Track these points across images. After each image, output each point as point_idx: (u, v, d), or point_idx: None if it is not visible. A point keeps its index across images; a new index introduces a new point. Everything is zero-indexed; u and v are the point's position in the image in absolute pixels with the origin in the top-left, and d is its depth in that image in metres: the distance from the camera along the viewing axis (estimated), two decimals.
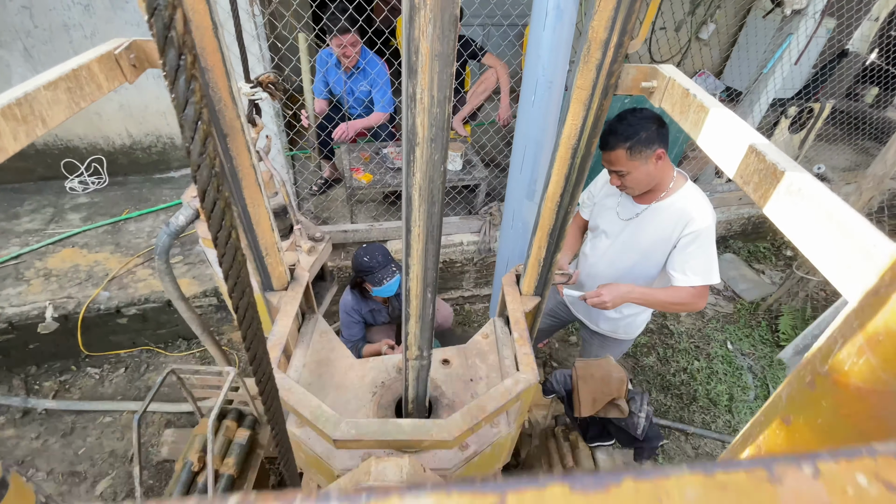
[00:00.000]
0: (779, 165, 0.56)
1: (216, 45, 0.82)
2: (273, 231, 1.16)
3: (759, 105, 3.31)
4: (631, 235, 1.71)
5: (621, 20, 0.79)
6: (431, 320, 0.90)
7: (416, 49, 0.54)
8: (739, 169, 0.63)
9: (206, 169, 0.44)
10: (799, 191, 0.53)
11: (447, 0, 0.50)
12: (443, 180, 0.68)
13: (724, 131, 0.67)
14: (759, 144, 0.60)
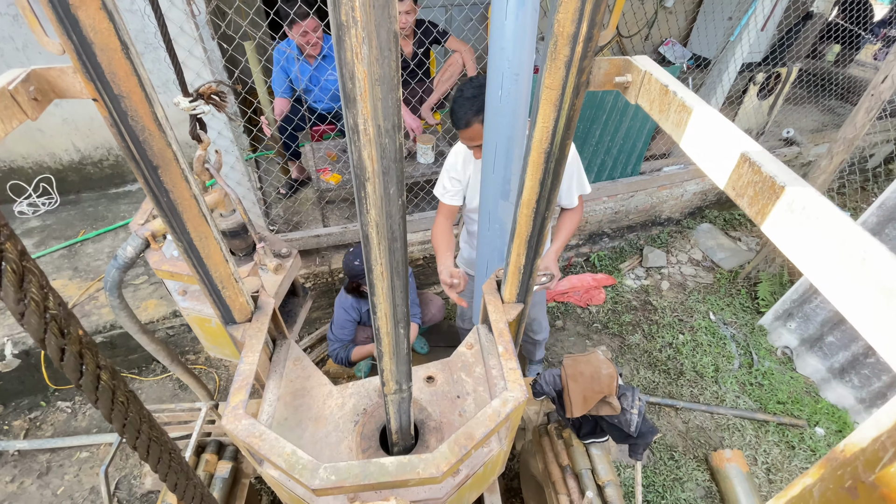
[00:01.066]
0: (777, 179, 0.49)
1: (129, 68, 0.71)
2: (227, 262, 1.06)
3: (727, 74, 3.28)
4: None
5: (589, 11, 0.70)
6: (407, 354, 0.83)
7: (351, 74, 0.45)
8: (731, 180, 0.57)
9: (33, 315, 0.35)
10: (804, 210, 0.46)
11: (382, 14, 0.41)
12: (402, 213, 0.59)
13: (711, 135, 0.60)
14: (753, 152, 0.54)
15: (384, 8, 0.41)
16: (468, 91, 1.55)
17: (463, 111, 1.55)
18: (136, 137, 0.77)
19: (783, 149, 4.03)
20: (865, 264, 0.40)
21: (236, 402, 1.01)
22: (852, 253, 0.42)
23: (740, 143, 0.56)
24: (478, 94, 1.53)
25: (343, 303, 2.34)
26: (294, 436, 1.15)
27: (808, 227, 0.46)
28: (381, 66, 0.45)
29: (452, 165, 1.88)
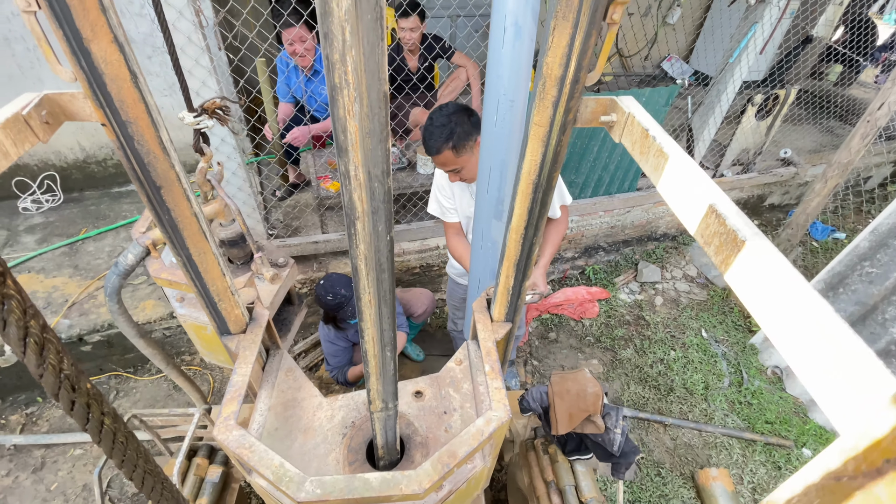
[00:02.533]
0: (740, 233, 0.53)
1: (137, 95, 0.75)
2: (224, 276, 1.09)
3: (726, 94, 3.33)
4: None
5: (576, 56, 0.74)
6: (394, 375, 0.86)
7: (343, 128, 0.48)
8: (700, 228, 0.60)
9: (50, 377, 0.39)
10: (762, 267, 0.50)
11: (374, 77, 0.45)
12: (390, 248, 0.63)
13: (685, 183, 0.64)
14: (720, 204, 0.57)
15: (375, 72, 0.45)
16: (438, 119, 1.61)
17: (433, 139, 1.61)
18: (142, 160, 0.81)
19: (780, 169, 4.07)
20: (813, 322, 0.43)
21: (228, 413, 1.04)
22: (803, 310, 0.45)
23: (710, 195, 0.59)
24: (446, 123, 1.60)
25: (327, 336, 2.38)
26: (283, 446, 1.18)
27: (765, 281, 0.50)
28: (372, 122, 0.48)
29: (441, 186, 1.95)
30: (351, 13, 0.40)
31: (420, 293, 2.82)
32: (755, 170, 4.00)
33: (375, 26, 0.42)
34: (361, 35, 0.42)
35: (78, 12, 0.63)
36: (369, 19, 0.41)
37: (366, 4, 0.40)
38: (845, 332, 0.41)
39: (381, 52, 0.44)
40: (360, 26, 0.41)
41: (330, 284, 2.12)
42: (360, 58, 0.43)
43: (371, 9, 0.41)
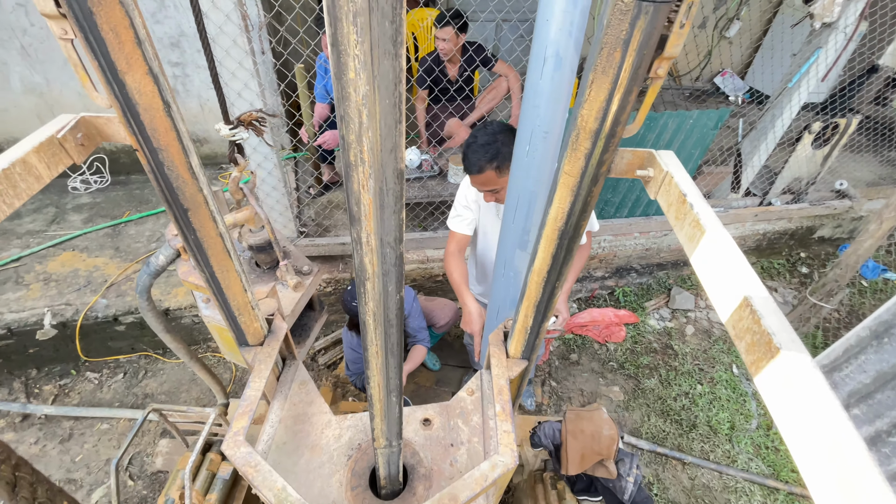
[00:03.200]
0: (775, 338, 0.48)
1: (169, 124, 0.76)
2: (246, 292, 1.11)
3: (781, 120, 3.14)
4: None
5: (614, 112, 0.70)
6: (398, 417, 0.85)
7: (357, 200, 0.47)
8: (732, 318, 0.56)
9: None
10: (796, 383, 0.45)
11: (390, 156, 0.43)
12: (399, 306, 0.61)
13: (720, 264, 0.59)
14: (757, 298, 0.53)
15: (392, 151, 0.43)
16: (482, 138, 1.58)
17: (476, 157, 1.58)
18: (171, 184, 0.82)
19: (834, 201, 3.83)
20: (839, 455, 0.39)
21: (238, 429, 1.06)
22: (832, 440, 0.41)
23: (747, 284, 0.55)
24: (492, 142, 1.56)
25: (350, 342, 2.40)
26: (290, 462, 1.19)
27: (797, 399, 0.45)
28: (385, 196, 0.47)
29: (465, 195, 1.91)
30: (369, 98, 0.39)
31: (443, 304, 2.81)
32: (806, 200, 3.77)
33: (394, 110, 0.40)
34: (379, 118, 0.40)
35: (113, 46, 0.64)
36: (387, 104, 0.40)
37: (384, 90, 0.39)
38: (871, 475, 0.37)
39: (399, 132, 0.42)
40: (377, 110, 0.40)
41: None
42: (377, 138, 0.41)
43: (389, 94, 0.39)
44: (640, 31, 0.62)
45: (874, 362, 2.64)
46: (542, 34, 1.12)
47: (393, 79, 0.38)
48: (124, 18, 0.63)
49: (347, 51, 0.36)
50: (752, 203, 3.62)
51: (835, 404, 0.43)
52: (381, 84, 0.38)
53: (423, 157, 2.94)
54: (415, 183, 2.86)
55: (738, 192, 3.60)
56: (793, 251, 4.21)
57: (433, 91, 3.02)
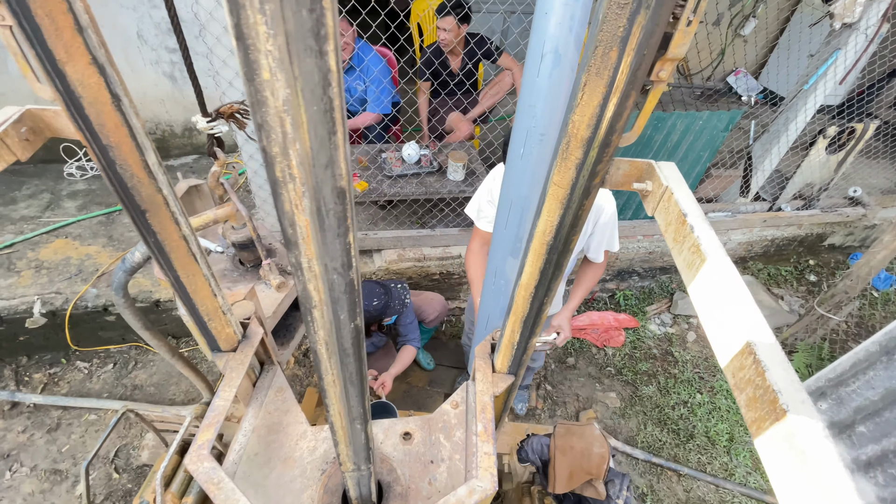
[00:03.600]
0: (781, 397, 0.41)
1: (119, 119, 0.69)
2: (216, 297, 1.04)
3: (795, 123, 3.03)
4: None
5: (609, 119, 0.63)
6: (366, 443, 0.78)
7: (291, 222, 0.40)
8: (731, 364, 0.49)
9: None
10: (802, 455, 0.38)
11: (325, 172, 0.36)
12: (355, 335, 0.54)
13: (721, 299, 0.52)
14: (761, 345, 0.45)
15: (327, 167, 0.36)
16: None
17: None
18: (125, 184, 0.76)
19: (847, 209, 3.71)
20: None
21: (202, 442, 1.00)
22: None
23: (750, 325, 0.47)
24: None
25: None
26: (261, 474, 1.14)
27: (803, 474, 0.38)
28: (327, 218, 0.40)
29: (490, 189, 1.80)
30: (292, 103, 0.31)
31: (432, 298, 2.75)
32: (818, 206, 3.66)
33: (325, 119, 0.33)
34: (307, 128, 0.33)
35: (49, 32, 0.57)
36: (316, 112, 0.32)
37: (310, 95, 0.31)
38: None
39: (335, 145, 0.35)
40: (304, 118, 0.32)
41: (366, 293, 2.09)
42: (307, 151, 0.34)
43: (317, 99, 0.32)
44: (640, 27, 0.55)
45: (883, 379, 2.55)
46: (539, 29, 1.04)
47: (320, 81, 0.31)
48: (61, 3, 0.56)
49: (257, 46, 0.29)
50: (761, 208, 3.52)
51: (847, 485, 0.36)
52: (304, 87, 0.31)
53: (422, 152, 2.86)
54: (412, 179, 2.78)
55: (748, 196, 3.50)
56: (801, 258, 4.10)
57: (434, 84, 2.94)
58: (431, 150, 2.98)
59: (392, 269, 2.91)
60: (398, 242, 2.87)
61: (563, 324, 1.85)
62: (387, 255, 2.90)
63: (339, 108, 0.34)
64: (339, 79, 0.32)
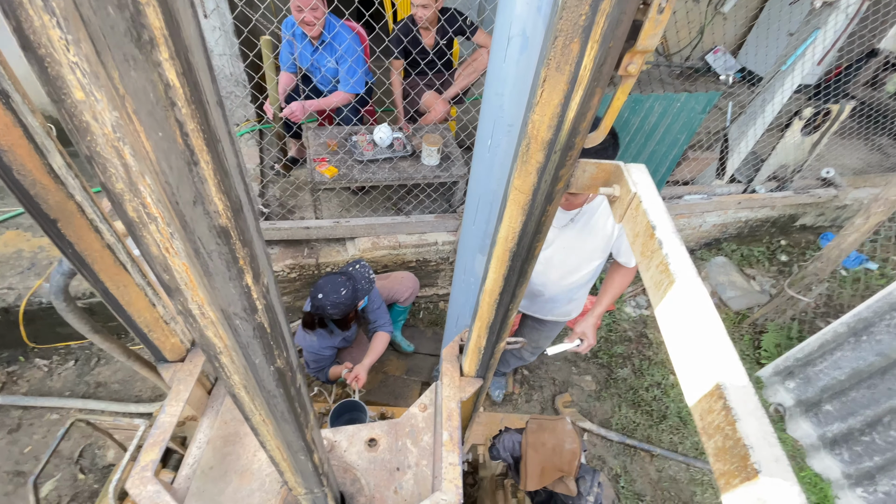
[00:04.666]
0: (752, 456, 0.36)
1: (9, 119, 0.59)
2: (154, 306, 0.96)
3: (772, 105, 3.01)
4: (570, 240, 1.65)
5: (572, 119, 0.56)
6: (314, 469, 0.73)
7: (164, 266, 0.32)
8: (699, 405, 0.43)
9: None
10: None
11: (194, 210, 0.29)
12: (279, 376, 0.47)
13: (690, 328, 0.47)
14: (732, 388, 0.40)
15: (197, 203, 0.28)
16: None
17: None
18: (26, 192, 0.66)
19: (819, 190, 3.75)
20: None
21: (146, 463, 0.93)
22: None
23: (721, 363, 0.42)
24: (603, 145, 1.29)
25: (311, 346, 2.25)
26: (216, 489, 1.08)
27: None
28: (211, 260, 0.32)
29: None
30: (125, 129, 0.23)
31: (402, 277, 2.69)
32: (791, 188, 3.69)
33: (177, 146, 0.25)
34: (154, 160, 0.25)
35: None
36: (162, 139, 0.24)
37: (149, 118, 0.24)
38: None
39: (202, 177, 0.27)
40: (148, 146, 0.24)
41: (330, 287, 1.99)
42: (162, 187, 0.26)
43: (160, 124, 0.24)
44: (605, 16, 0.47)
45: (850, 360, 2.62)
46: (506, 10, 0.95)
47: (158, 101, 0.23)
48: None
49: (55, 56, 0.21)
50: (736, 190, 3.53)
51: None
52: (138, 109, 0.23)
53: (394, 135, 2.74)
54: (385, 164, 2.67)
55: (723, 178, 3.50)
56: (773, 239, 4.16)
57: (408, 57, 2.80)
58: (405, 133, 2.86)
59: (366, 257, 2.83)
60: (372, 230, 2.78)
61: (588, 331, 1.81)
62: (360, 243, 2.81)
63: (200, 133, 0.26)
64: (189, 96, 0.24)
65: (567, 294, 1.86)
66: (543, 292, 1.87)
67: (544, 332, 2.16)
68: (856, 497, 2.53)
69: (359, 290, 2.05)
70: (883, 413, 2.40)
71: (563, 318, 2.07)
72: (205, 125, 0.25)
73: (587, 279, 1.82)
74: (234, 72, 3.19)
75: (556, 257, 1.71)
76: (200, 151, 0.26)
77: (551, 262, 1.72)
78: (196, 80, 0.24)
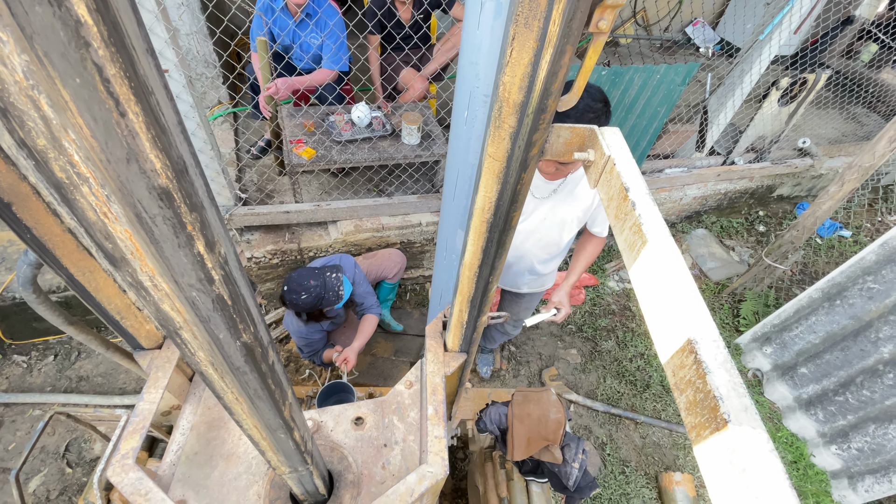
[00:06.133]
0: (722, 405, 0.36)
1: None
2: (125, 292, 0.93)
3: (750, 75, 3.02)
4: (550, 211, 1.66)
5: (543, 80, 0.54)
6: (296, 447, 0.72)
7: (105, 233, 0.30)
8: (672, 361, 0.44)
9: None
10: (744, 471, 0.34)
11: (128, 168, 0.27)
12: (247, 351, 0.46)
13: (662, 287, 0.46)
14: (704, 342, 0.40)
15: (130, 161, 0.26)
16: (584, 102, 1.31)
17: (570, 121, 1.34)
18: None
19: (796, 160, 3.81)
20: None
21: (126, 450, 0.92)
22: None
23: (692, 319, 0.42)
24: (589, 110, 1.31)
25: (298, 331, 2.21)
26: (202, 474, 1.07)
27: (746, 491, 0.34)
28: (156, 225, 0.30)
29: None
30: (38, 75, 0.21)
31: (388, 254, 2.67)
32: (769, 158, 3.74)
33: (97, 95, 0.23)
34: (76, 109, 0.23)
35: None
36: (80, 84, 0.22)
37: (62, 61, 0.22)
38: None
39: (132, 131, 0.25)
40: (67, 95, 0.22)
41: (296, 284, 1.95)
42: (91, 142, 0.24)
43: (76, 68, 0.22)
44: None
45: (825, 324, 2.71)
46: None
47: (70, 41, 0.21)
48: None
49: None
50: (715, 162, 3.56)
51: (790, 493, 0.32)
52: (49, 51, 0.21)
53: (373, 114, 2.68)
54: (364, 144, 2.62)
55: (703, 151, 3.52)
56: (752, 210, 4.23)
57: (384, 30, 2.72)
58: (384, 112, 2.80)
59: (349, 240, 2.80)
60: (354, 213, 2.74)
61: (563, 299, 1.82)
62: (342, 226, 2.77)
63: (125, 80, 0.24)
64: (106, 36, 0.22)
65: (543, 265, 1.87)
66: (519, 263, 1.87)
67: (523, 303, 2.18)
68: (830, 454, 2.65)
69: (323, 299, 1.99)
70: (856, 374, 2.50)
71: (539, 290, 2.10)
72: (130, 71, 0.23)
73: (562, 250, 1.84)
74: (203, 51, 3.06)
75: (536, 228, 1.71)
76: (127, 101, 0.24)
77: (532, 233, 1.72)
78: (115, 19, 0.22)
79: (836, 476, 2.64)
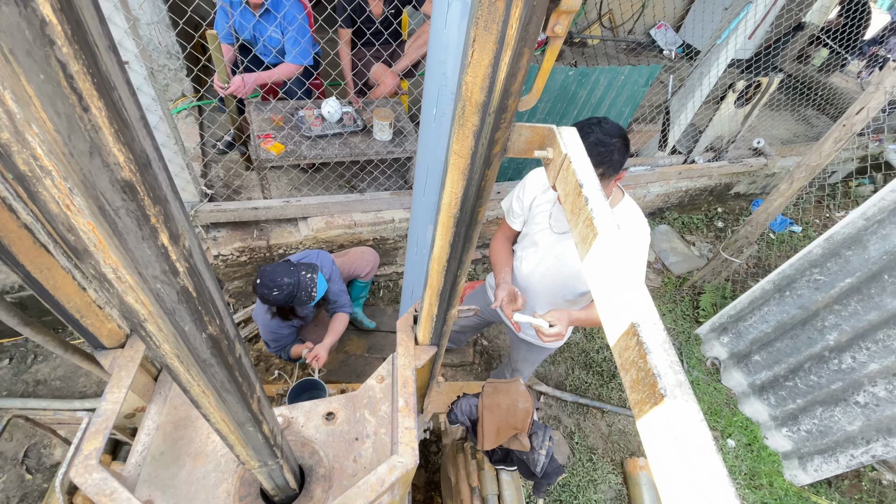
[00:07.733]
0: (659, 382, 0.40)
1: None
2: (85, 290, 0.90)
3: (708, 78, 3.16)
4: (565, 251, 1.58)
5: (503, 80, 0.57)
6: (265, 441, 0.73)
7: (68, 226, 0.31)
8: (618, 344, 0.47)
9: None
10: (678, 440, 0.37)
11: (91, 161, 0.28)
12: (213, 343, 0.47)
13: (611, 277, 0.50)
14: (645, 325, 0.44)
15: (93, 154, 0.27)
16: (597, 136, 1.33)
17: None
18: None
19: (751, 159, 4.02)
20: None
21: (89, 451, 0.90)
22: None
23: (636, 305, 0.46)
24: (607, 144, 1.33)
25: (268, 325, 2.18)
26: (168, 474, 1.05)
27: (679, 461, 0.37)
28: (119, 217, 0.31)
29: (520, 194, 1.66)
30: (5, 72, 0.22)
31: (360, 252, 2.67)
32: (727, 158, 3.93)
33: (60, 91, 0.24)
34: (40, 104, 0.24)
35: None
36: (44, 80, 0.23)
37: (26, 56, 0.22)
38: None
39: (95, 125, 0.26)
40: (31, 90, 0.23)
41: (269, 279, 1.92)
42: (54, 136, 0.25)
43: (40, 65, 0.23)
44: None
45: (776, 313, 2.87)
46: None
47: (35, 39, 0.22)
48: None
49: None
50: (677, 161, 3.71)
51: (719, 469, 0.35)
52: (15, 48, 0.22)
53: (344, 109, 2.67)
54: (334, 139, 2.60)
55: (665, 149, 3.66)
56: (711, 206, 4.43)
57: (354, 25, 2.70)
58: (355, 107, 2.79)
59: (320, 237, 2.77)
60: (325, 209, 2.72)
61: (563, 319, 1.53)
62: (313, 222, 2.74)
63: (88, 76, 0.24)
64: (70, 34, 0.23)
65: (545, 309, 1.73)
66: (525, 294, 1.73)
67: (521, 352, 2.07)
68: (781, 436, 2.83)
69: (295, 297, 1.96)
70: (804, 360, 2.68)
71: (538, 343, 1.92)
72: (93, 68, 0.24)
73: (571, 304, 1.72)
74: (165, 42, 2.96)
75: (543, 264, 1.64)
76: (90, 97, 0.25)
77: (538, 267, 1.66)
78: (78, 17, 0.23)
79: (787, 457, 2.82)
